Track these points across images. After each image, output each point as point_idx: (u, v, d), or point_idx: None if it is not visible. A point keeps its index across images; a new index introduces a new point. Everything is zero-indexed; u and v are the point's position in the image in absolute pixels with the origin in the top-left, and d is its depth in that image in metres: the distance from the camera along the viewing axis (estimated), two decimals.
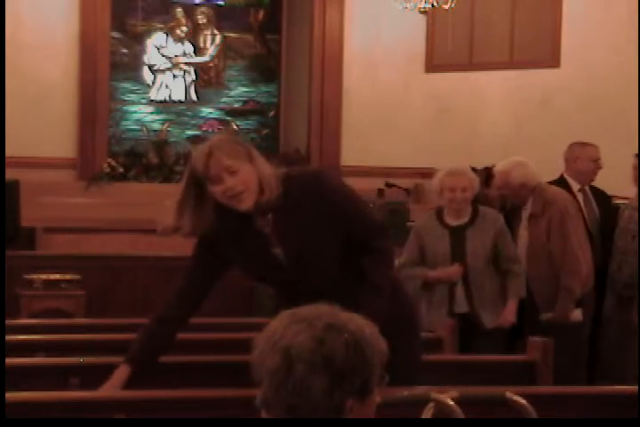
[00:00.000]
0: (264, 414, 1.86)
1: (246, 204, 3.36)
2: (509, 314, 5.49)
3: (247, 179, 3.34)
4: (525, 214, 5.93)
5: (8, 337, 4.04)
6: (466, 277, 5.49)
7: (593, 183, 6.76)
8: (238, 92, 11.20)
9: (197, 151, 3.39)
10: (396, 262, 5.84)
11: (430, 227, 5.60)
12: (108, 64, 10.25)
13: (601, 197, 6.74)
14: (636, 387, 3.45)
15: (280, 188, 3.39)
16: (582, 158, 6.59)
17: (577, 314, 5.91)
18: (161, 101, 10.96)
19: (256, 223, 3.47)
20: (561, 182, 6.47)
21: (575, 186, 6.57)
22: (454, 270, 5.47)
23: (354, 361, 1.82)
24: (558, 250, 5.72)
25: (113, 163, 10.12)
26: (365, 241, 3.52)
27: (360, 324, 1.87)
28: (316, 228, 3.44)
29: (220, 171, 3.31)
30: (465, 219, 5.56)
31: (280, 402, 1.81)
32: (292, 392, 1.79)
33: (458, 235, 5.52)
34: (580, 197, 6.53)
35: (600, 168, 6.65)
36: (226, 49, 11.16)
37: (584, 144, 6.72)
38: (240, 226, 3.46)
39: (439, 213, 5.62)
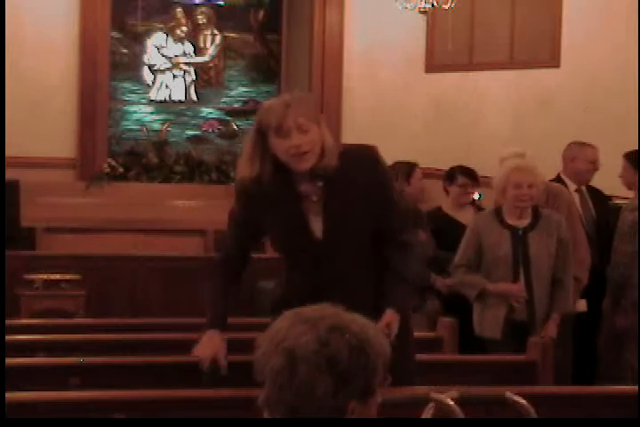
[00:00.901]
0: (266, 414, 1.86)
1: (306, 164, 3.39)
2: (552, 329, 5.17)
3: (313, 140, 3.38)
4: None
5: (8, 337, 4.04)
6: (529, 283, 5.12)
7: (591, 183, 6.76)
8: (238, 92, 11.19)
9: (272, 103, 3.42)
10: None
11: (489, 227, 5.20)
12: (107, 64, 10.24)
13: (598, 197, 6.75)
14: (636, 387, 3.46)
15: (337, 159, 3.42)
16: (579, 158, 6.60)
17: (582, 304, 5.85)
18: (161, 101, 10.95)
19: (298, 189, 3.49)
20: (558, 182, 6.47)
21: (572, 186, 6.58)
22: (518, 289, 5.09)
23: (357, 363, 1.82)
24: None
25: (113, 163, 10.12)
26: (393, 231, 3.54)
27: (364, 325, 1.87)
28: (359, 204, 3.47)
29: (293, 126, 3.34)
30: (526, 220, 5.20)
31: (282, 402, 1.81)
32: (296, 393, 1.79)
33: (520, 237, 5.15)
34: (576, 197, 6.53)
35: (597, 169, 6.66)
36: (226, 49, 11.15)
37: (582, 144, 6.73)
38: (282, 190, 3.48)
39: (498, 213, 5.24)
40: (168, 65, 10.97)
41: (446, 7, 8.99)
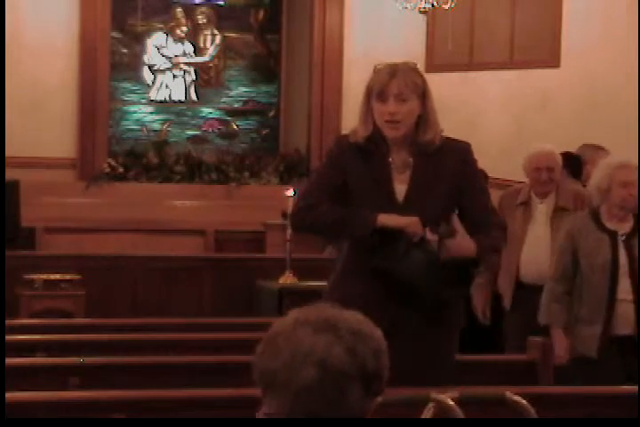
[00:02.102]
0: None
1: (395, 133, 3.51)
2: None
3: (409, 111, 3.50)
4: (544, 209, 5.50)
5: (8, 337, 4.04)
6: (638, 293, 4.57)
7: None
8: (238, 92, 11.19)
9: (381, 67, 3.55)
10: None
11: (586, 231, 4.63)
12: (108, 64, 10.24)
13: None
14: (636, 387, 3.46)
15: (439, 141, 3.55)
16: (593, 162, 6.56)
17: None
18: (161, 101, 10.95)
19: (389, 157, 3.56)
20: None
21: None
22: (562, 355, 4.57)
23: (379, 365, 1.85)
24: None
25: (113, 163, 10.12)
26: (484, 216, 3.62)
27: (365, 323, 1.88)
28: (445, 184, 3.55)
29: (392, 93, 3.47)
30: (628, 224, 4.66)
31: (311, 412, 1.81)
32: (328, 403, 1.80)
33: (621, 243, 4.61)
34: None
35: None
36: (226, 49, 11.15)
37: (597, 148, 6.70)
38: (376, 152, 3.55)
39: (595, 215, 4.68)
40: (168, 65, 10.97)
41: (446, 7, 8.99)
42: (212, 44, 11.10)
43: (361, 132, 3.56)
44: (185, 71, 11.04)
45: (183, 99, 11.02)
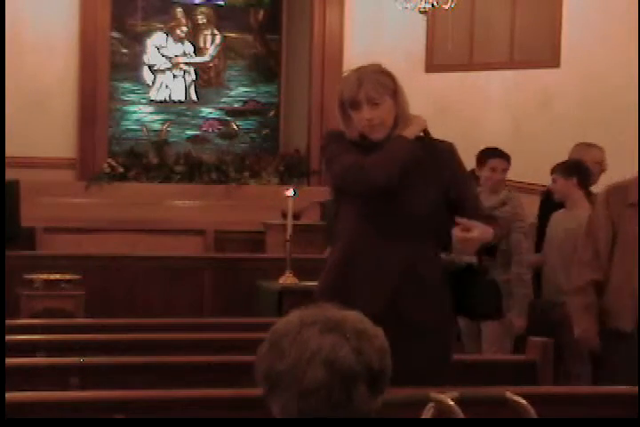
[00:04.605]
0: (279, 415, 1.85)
1: (377, 135, 3.56)
2: None
3: (385, 112, 3.54)
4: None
5: (8, 337, 4.04)
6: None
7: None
8: (238, 92, 11.20)
9: (348, 76, 3.60)
10: None
11: None
12: (108, 64, 10.24)
13: None
14: (636, 387, 3.46)
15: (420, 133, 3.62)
16: (586, 160, 6.56)
17: None
18: (161, 101, 10.96)
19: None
20: None
21: None
22: None
23: (384, 364, 1.86)
24: None
25: (113, 163, 10.12)
26: (475, 207, 3.67)
27: (372, 324, 1.89)
28: (429, 182, 3.59)
29: (364, 100, 3.51)
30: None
31: (318, 413, 1.81)
32: (336, 404, 1.80)
33: None
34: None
35: (604, 170, 6.63)
36: (226, 49, 11.15)
37: (589, 145, 6.69)
38: (372, 147, 3.58)
39: None
40: (168, 65, 10.97)
41: (446, 7, 8.99)
42: (212, 44, 11.11)
43: (350, 136, 3.61)
44: (185, 71, 11.04)
45: (183, 99, 11.02)
